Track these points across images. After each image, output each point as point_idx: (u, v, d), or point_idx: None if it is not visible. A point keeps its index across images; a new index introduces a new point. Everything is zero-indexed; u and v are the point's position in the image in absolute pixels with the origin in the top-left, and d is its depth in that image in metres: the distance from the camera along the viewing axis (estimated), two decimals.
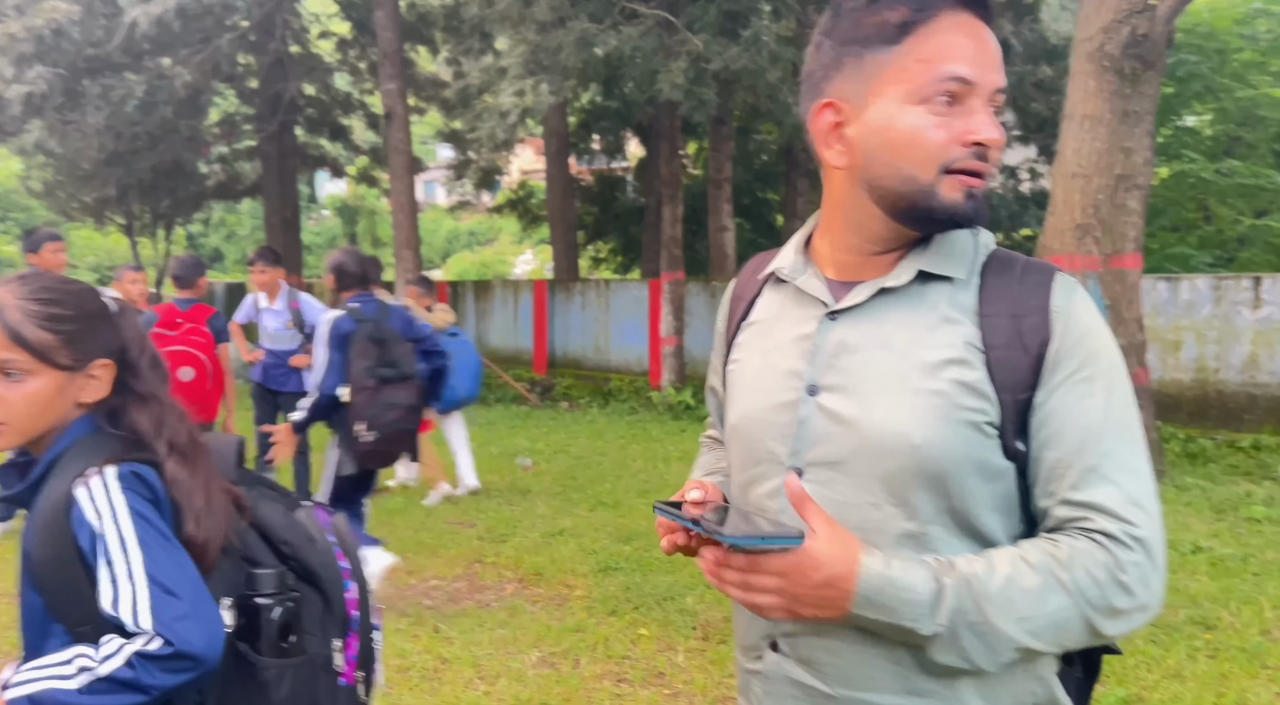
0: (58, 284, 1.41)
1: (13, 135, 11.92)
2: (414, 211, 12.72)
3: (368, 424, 4.13)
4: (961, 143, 1.05)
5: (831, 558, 0.99)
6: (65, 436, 1.39)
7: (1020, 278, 1.10)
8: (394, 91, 11.95)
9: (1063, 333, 1.05)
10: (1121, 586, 0.99)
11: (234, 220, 32.85)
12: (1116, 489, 1.02)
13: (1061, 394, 1.04)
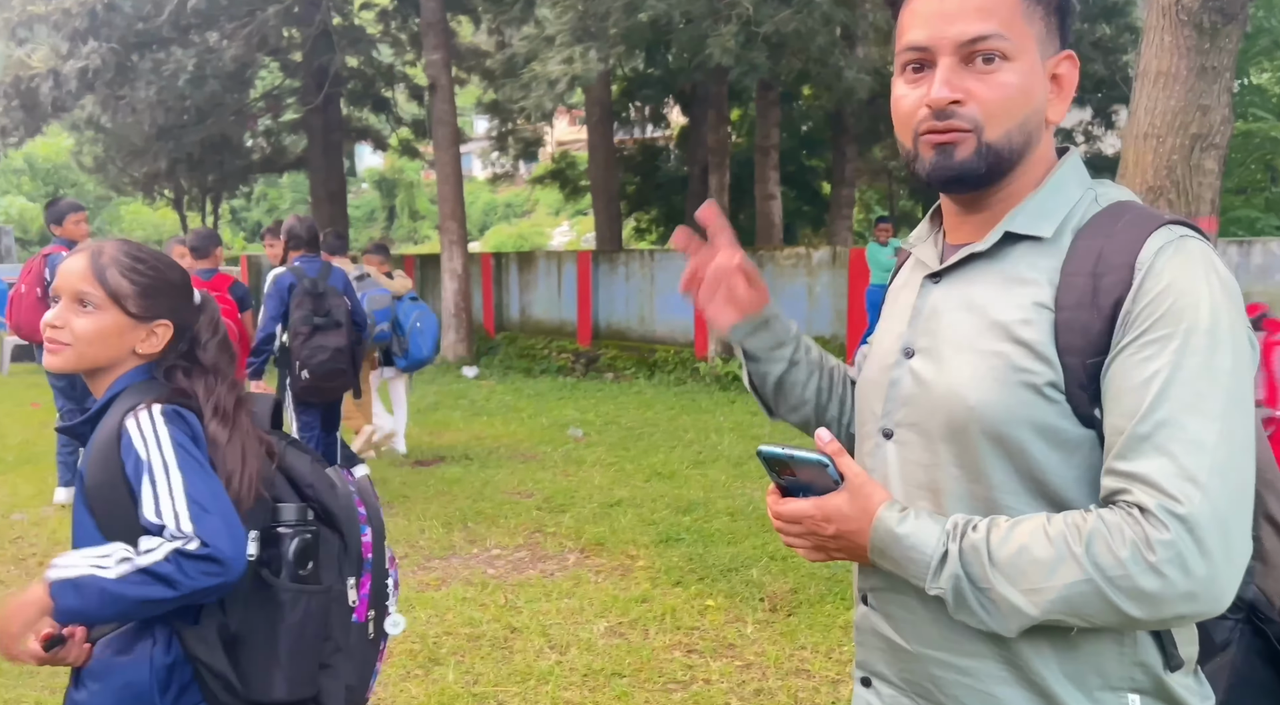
0: (152, 253, 1.64)
1: (66, 111, 12.08)
2: (459, 183, 12.71)
3: (300, 363, 4.92)
4: (927, 106, 1.07)
5: (847, 511, 1.06)
6: (121, 381, 1.59)
7: (1115, 232, 1.05)
8: (438, 62, 11.91)
9: (1138, 289, 0.99)
10: (1150, 567, 0.91)
11: (275, 194, 33.17)
12: (1169, 461, 0.94)
13: (1127, 355, 0.99)
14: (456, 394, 10.45)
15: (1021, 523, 1.00)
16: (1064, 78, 1.11)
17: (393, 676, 3.47)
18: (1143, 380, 0.96)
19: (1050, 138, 1.15)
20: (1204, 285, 0.98)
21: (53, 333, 1.55)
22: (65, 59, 10.61)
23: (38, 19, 10.52)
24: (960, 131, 1.07)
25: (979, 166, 1.08)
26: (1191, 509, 0.91)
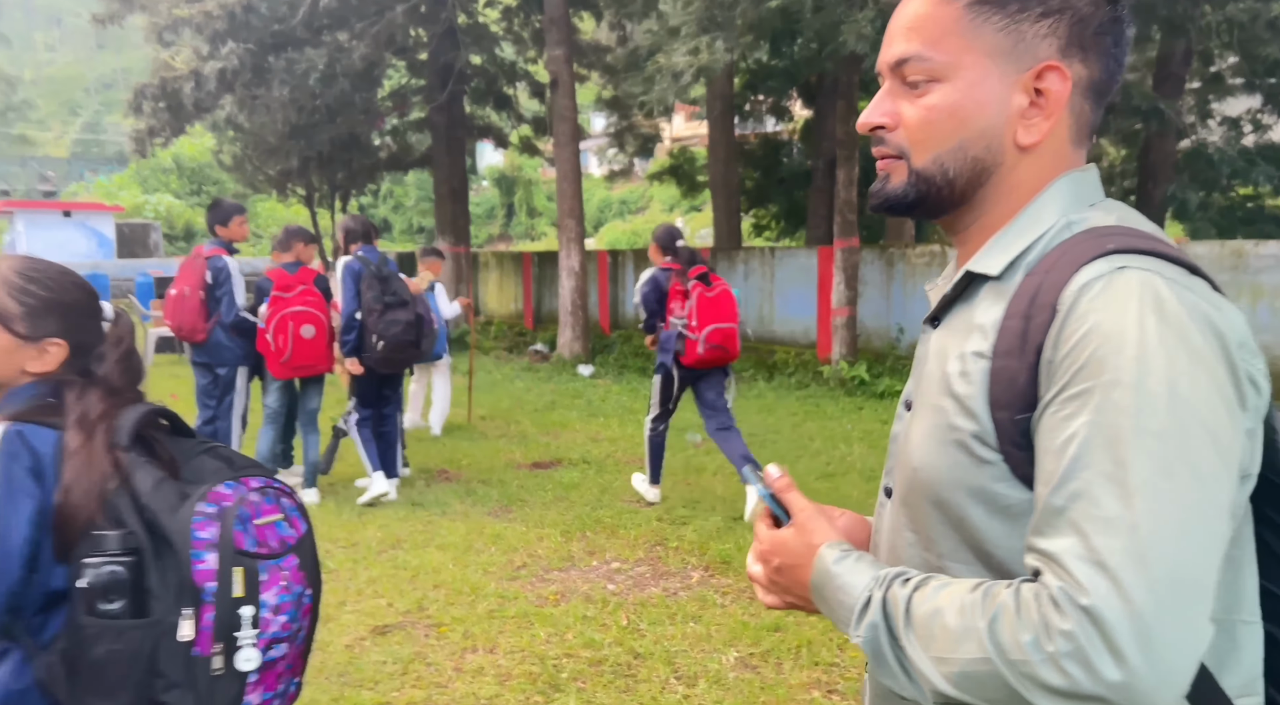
0: (47, 269, 1.62)
1: (208, 111, 12.58)
2: (578, 179, 12.62)
3: (377, 336, 5.56)
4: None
5: (792, 546, 1.01)
6: (10, 397, 1.59)
7: (1056, 265, 0.90)
8: (560, 58, 11.82)
9: (1058, 333, 0.85)
10: (1049, 659, 0.77)
11: (400, 191, 34.12)
12: (1079, 541, 0.79)
13: (1049, 413, 0.85)
14: (573, 393, 10.34)
15: (951, 584, 0.88)
16: (1050, 93, 0.96)
17: (512, 703, 3.27)
18: (1060, 443, 0.83)
19: (1040, 163, 0.99)
20: (1134, 327, 0.81)
21: None
22: (206, 60, 11.01)
23: (182, 22, 10.96)
24: (891, 158, 1.01)
25: (907, 195, 1.01)
26: (1097, 601, 0.75)
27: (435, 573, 4.60)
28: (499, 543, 5.06)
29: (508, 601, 4.21)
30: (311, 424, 5.92)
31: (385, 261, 5.84)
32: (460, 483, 6.35)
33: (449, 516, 5.58)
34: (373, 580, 4.51)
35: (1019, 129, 0.97)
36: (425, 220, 34.87)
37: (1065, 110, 0.97)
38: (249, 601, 1.53)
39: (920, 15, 0.99)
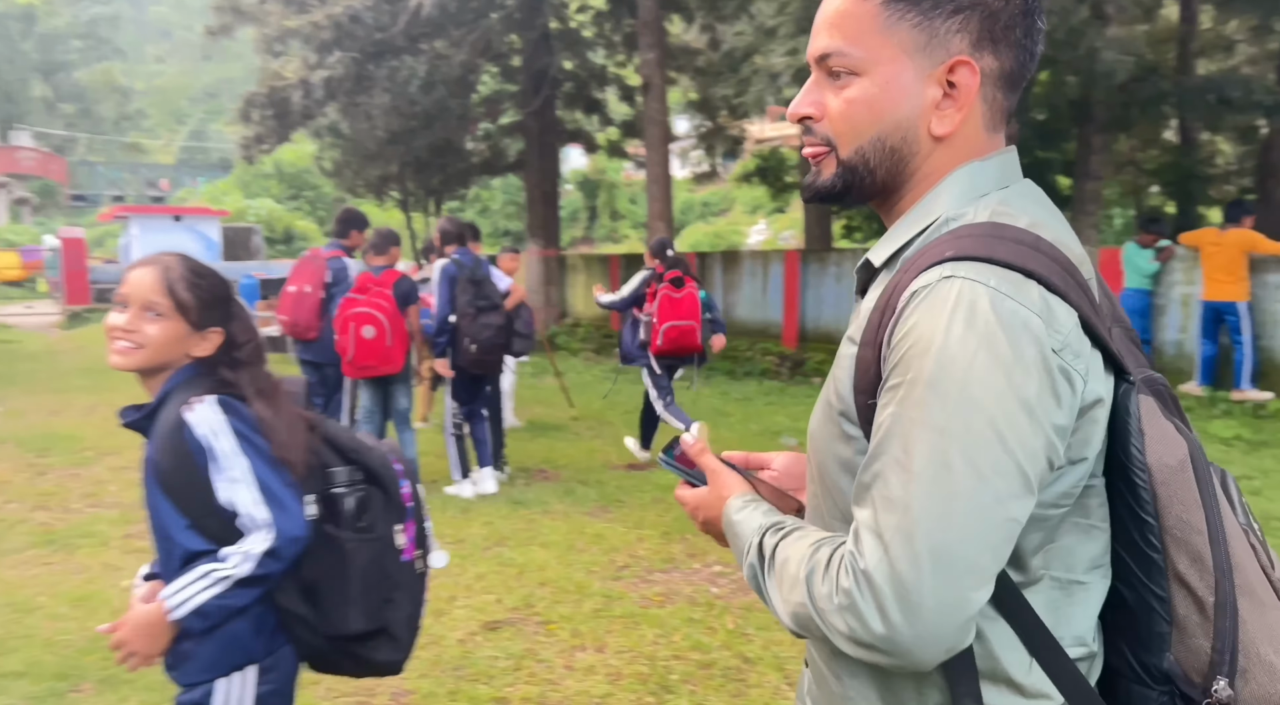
0: (208, 267, 1.88)
1: (312, 119, 13.04)
2: (667, 182, 12.64)
3: (469, 339, 5.77)
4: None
5: (709, 499, 1.16)
6: (174, 378, 1.82)
7: (912, 266, 0.98)
8: (652, 61, 11.86)
9: (890, 332, 0.96)
10: (837, 609, 0.93)
11: (487, 196, 34.69)
12: (869, 514, 0.93)
13: (879, 402, 0.97)
14: None
15: (807, 536, 1.02)
16: (960, 85, 1.01)
17: (624, 702, 3.28)
18: (876, 428, 0.95)
19: (953, 151, 1.04)
20: (942, 333, 0.90)
21: (124, 336, 1.77)
22: (313, 69, 11.42)
23: (291, 33, 11.38)
24: (819, 149, 1.07)
25: (835, 185, 1.07)
26: (867, 565, 0.90)
27: (540, 571, 4.65)
28: (600, 543, 5.09)
29: (613, 601, 4.24)
30: (403, 423, 5.99)
31: (480, 264, 6.00)
32: (559, 482, 6.42)
33: (550, 515, 5.64)
34: (480, 576, 4.59)
35: (933, 120, 1.03)
36: (511, 224, 35.40)
37: (977, 101, 1.03)
38: (426, 517, 1.99)
39: (841, 11, 1.03)
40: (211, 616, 1.72)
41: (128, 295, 1.79)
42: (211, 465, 1.74)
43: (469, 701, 3.29)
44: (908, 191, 1.07)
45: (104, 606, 4.09)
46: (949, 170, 1.05)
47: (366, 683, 3.43)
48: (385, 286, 5.72)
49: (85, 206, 45.01)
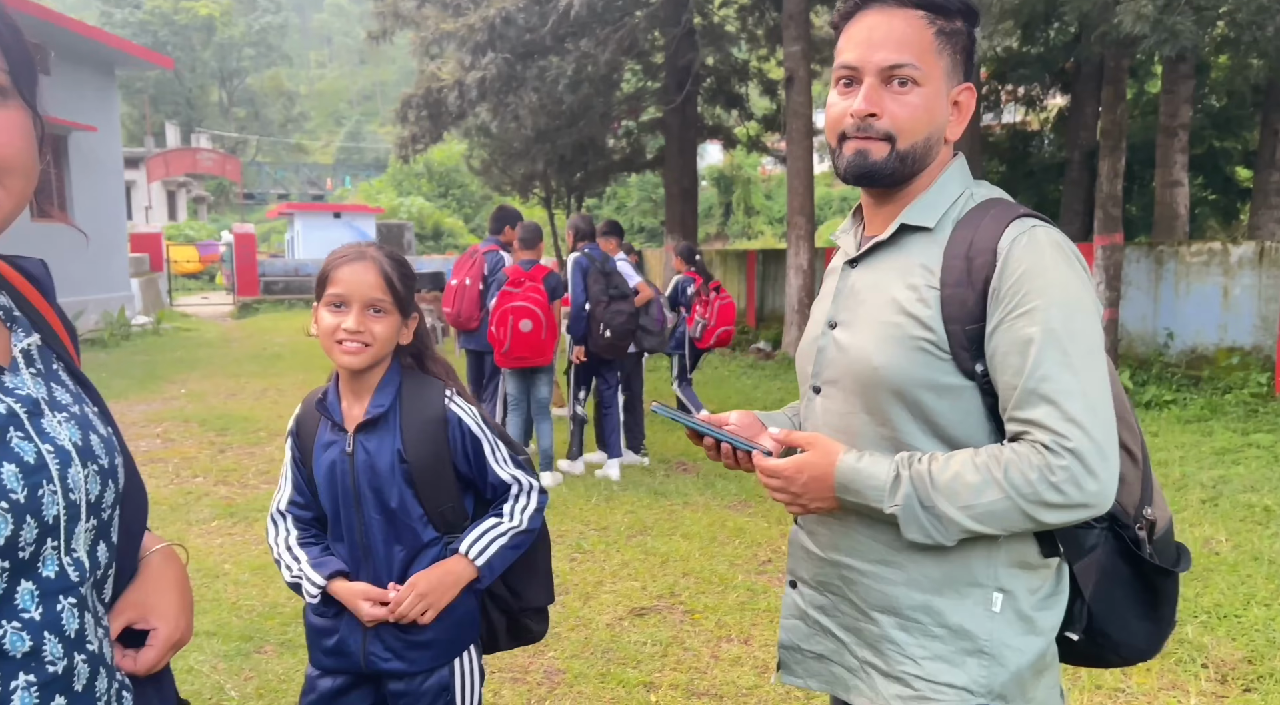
0: (400, 254, 1.88)
1: (463, 118, 13.56)
2: (810, 177, 12.45)
3: (604, 324, 6.16)
4: (850, 116, 1.35)
5: (814, 462, 1.35)
6: (391, 372, 1.85)
7: (982, 223, 1.33)
8: (796, 54, 11.71)
9: (1000, 270, 1.27)
10: (1052, 486, 1.22)
11: (623, 192, 35.09)
12: (1053, 408, 1.23)
13: (1004, 328, 1.27)
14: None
15: (954, 456, 1.29)
16: (963, 104, 1.40)
17: (773, 697, 3.28)
18: (1021, 347, 1.25)
19: (948, 150, 1.43)
20: (1053, 266, 1.26)
21: (353, 337, 1.75)
22: (467, 71, 11.85)
23: (447, 36, 11.86)
24: (875, 139, 1.34)
25: (887, 168, 1.36)
26: (1077, 443, 1.21)
27: (683, 561, 4.70)
28: (742, 536, 5.10)
29: (757, 595, 4.24)
30: (542, 412, 6.21)
31: (607, 258, 6.37)
32: (699, 475, 6.46)
33: (691, 507, 5.68)
34: (625, 563, 4.68)
35: (950, 127, 1.40)
36: (646, 220, 35.68)
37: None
38: None
39: (908, 34, 1.34)
40: (496, 570, 1.83)
41: (347, 295, 1.75)
42: (484, 451, 1.85)
43: (618, 684, 3.36)
44: (921, 177, 1.40)
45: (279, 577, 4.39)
46: (946, 162, 1.42)
47: (520, 660, 3.56)
48: (537, 280, 5.92)
49: (254, 204, 48.30)
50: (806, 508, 1.38)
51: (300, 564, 1.86)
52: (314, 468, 1.85)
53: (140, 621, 1.11)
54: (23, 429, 0.96)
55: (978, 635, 1.34)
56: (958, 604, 1.34)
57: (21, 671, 0.92)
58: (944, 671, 1.35)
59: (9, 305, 1.07)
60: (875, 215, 1.47)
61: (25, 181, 0.95)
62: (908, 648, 1.37)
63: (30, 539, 0.93)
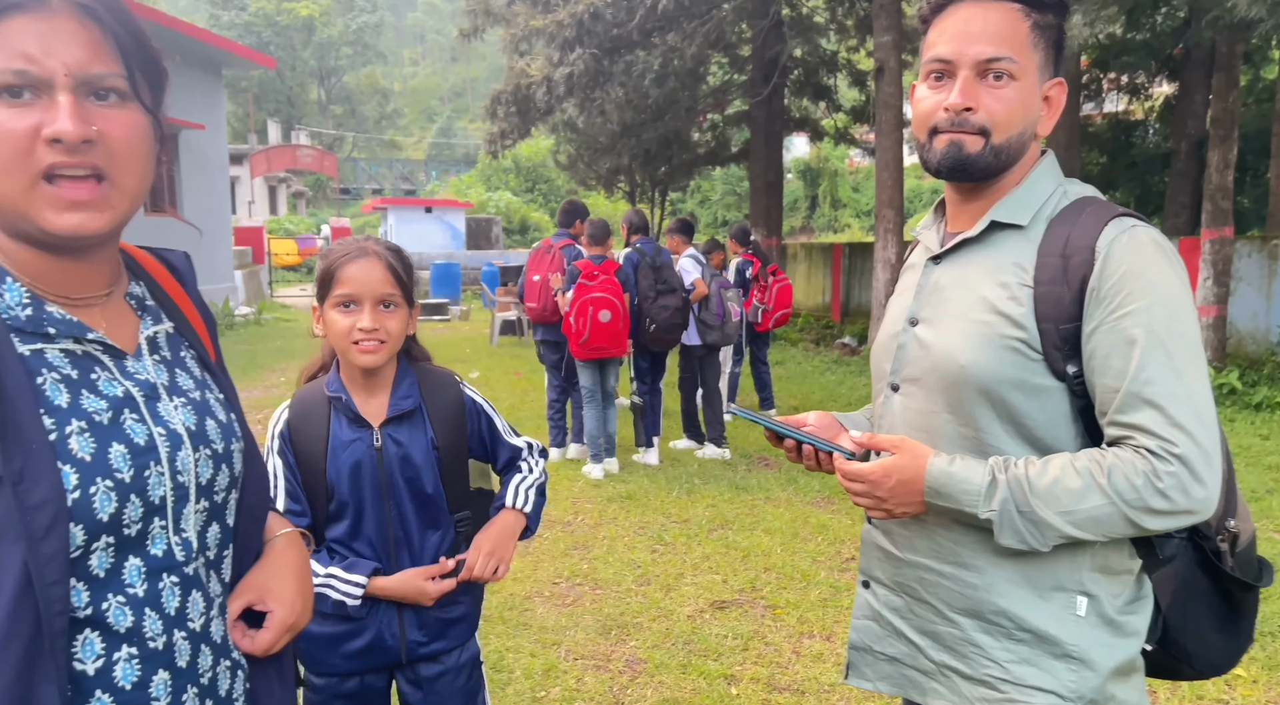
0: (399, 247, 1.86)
1: (550, 114, 13.72)
2: (899, 169, 12.21)
3: (650, 319, 6.29)
4: (944, 109, 1.34)
5: (902, 465, 1.32)
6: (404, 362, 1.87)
7: (1078, 221, 1.31)
8: (887, 44, 11.48)
9: (1100, 270, 1.25)
10: (1158, 492, 1.20)
11: (707, 186, 34.96)
12: (1158, 413, 1.20)
13: (1105, 329, 1.24)
14: None
15: (1052, 460, 1.26)
16: (1054, 99, 1.38)
17: (855, 695, 3.26)
18: (1123, 349, 1.23)
19: (1037, 146, 1.41)
20: (1154, 266, 1.25)
21: (371, 336, 1.72)
22: (556, 67, 11.99)
23: (537, 33, 12.02)
24: (969, 133, 1.32)
25: (981, 162, 1.34)
26: (1184, 449, 1.20)
27: (765, 556, 4.70)
28: (825, 532, 5.06)
29: (840, 592, 4.21)
30: (609, 400, 6.42)
31: (660, 252, 6.52)
32: (781, 470, 6.43)
33: (773, 502, 5.67)
34: (706, 557, 4.70)
35: (1041, 123, 1.37)
36: (730, 214, 35.49)
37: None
38: None
39: (1006, 28, 1.32)
40: (537, 516, 1.94)
41: (357, 294, 1.72)
42: (496, 427, 1.95)
43: (699, 675, 3.39)
44: (1012, 172, 1.37)
45: None
46: (1036, 158, 1.40)
47: (601, 649, 3.63)
48: (609, 274, 6.07)
49: (349, 199, 49.83)
50: (891, 512, 1.35)
51: (325, 571, 1.77)
52: (329, 466, 1.78)
53: (259, 603, 1.16)
54: (137, 411, 1.02)
55: (1063, 640, 1.31)
56: (1040, 608, 1.32)
57: (125, 644, 0.98)
58: (1032, 675, 1.32)
59: (142, 294, 1.14)
60: (961, 211, 1.44)
61: (139, 182, 1.00)
62: (992, 651, 1.35)
63: (135, 517, 0.98)
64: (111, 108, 0.97)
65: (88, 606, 0.95)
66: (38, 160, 0.92)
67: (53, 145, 0.92)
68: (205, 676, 1.07)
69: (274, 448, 1.80)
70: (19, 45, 0.92)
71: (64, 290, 1.02)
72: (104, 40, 0.96)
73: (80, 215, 0.94)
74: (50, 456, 0.92)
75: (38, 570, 0.89)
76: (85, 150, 0.93)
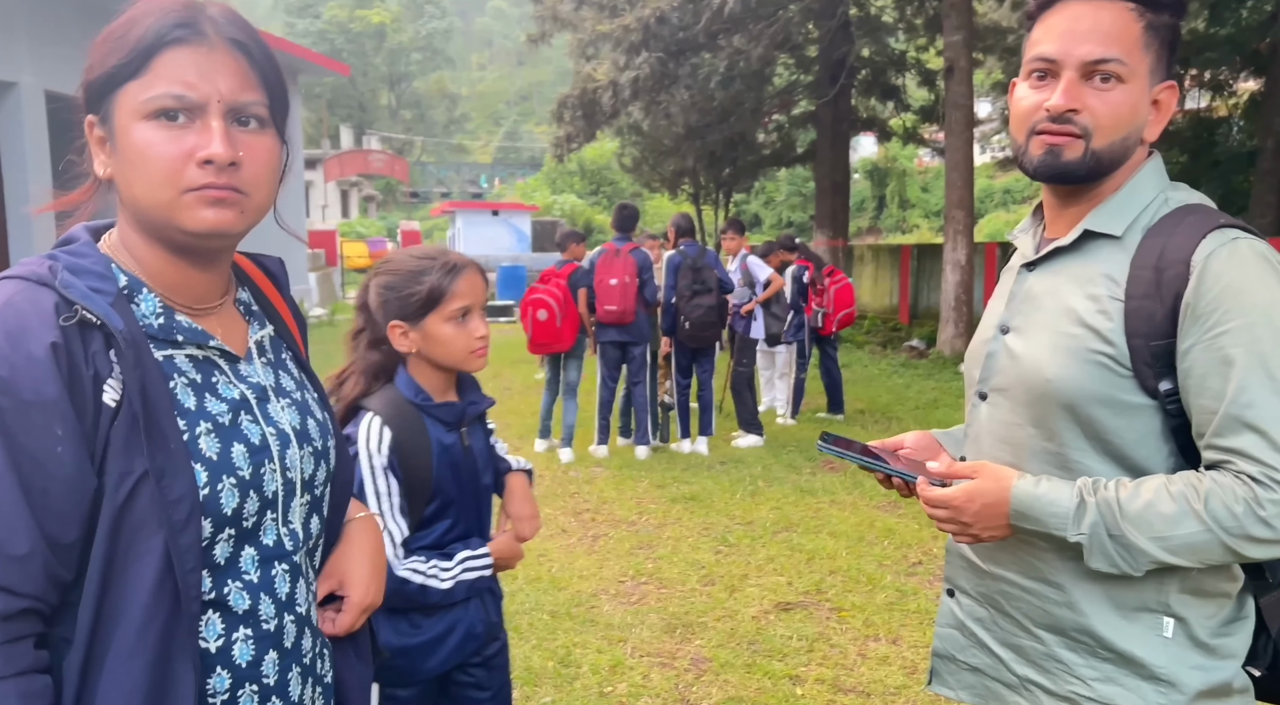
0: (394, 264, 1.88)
1: (616, 117, 13.84)
2: (970, 170, 12.01)
3: (685, 317, 6.66)
4: (1044, 110, 1.28)
5: (985, 489, 1.28)
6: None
7: (1176, 232, 1.23)
8: (958, 43, 11.32)
9: (1196, 286, 1.18)
10: (1260, 520, 1.14)
11: (771, 187, 34.78)
12: (1260, 437, 1.15)
13: (1201, 348, 1.18)
14: (957, 392, 9.91)
15: (1145, 483, 1.21)
16: (1164, 103, 1.31)
17: (922, 699, 3.25)
18: (1221, 369, 1.17)
19: (1144, 151, 1.33)
20: (1258, 282, 1.18)
21: (486, 343, 1.84)
22: (622, 70, 12.11)
23: (604, 37, 12.16)
24: (1071, 136, 1.26)
25: (1081, 168, 1.28)
26: None
27: (830, 559, 4.69)
28: (891, 537, 5.03)
29: (906, 596, 4.19)
30: (570, 394, 6.94)
31: (703, 253, 6.83)
32: (846, 474, 6.40)
33: (838, 505, 5.65)
34: (770, 558, 4.72)
35: (1148, 127, 1.31)
36: (794, 215, 35.24)
37: None
38: None
39: (1116, 27, 1.25)
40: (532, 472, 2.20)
41: (472, 304, 1.81)
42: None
43: (764, 675, 3.42)
44: (1112, 178, 1.31)
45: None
46: (1140, 163, 1.32)
47: (667, 646, 3.68)
48: (562, 276, 6.63)
49: (418, 202, 50.81)
50: (978, 537, 1.32)
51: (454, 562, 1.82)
52: (436, 471, 1.81)
53: (338, 588, 1.25)
54: (252, 413, 1.11)
55: (1149, 662, 1.27)
56: (1124, 628, 1.28)
57: (242, 625, 1.07)
58: (1118, 695, 1.29)
59: (249, 300, 1.23)
60: (1059, 216, 1.38)
61: (264, 202, 1.10)
62: (1076, 668, 1.32)
63: (253, 511, 1.07)
64: (252, 133, 1.06)
65: (211, 591, 1.04)
66: (189, 179, 1.01)
67: (203, 166, 1.01)
68: (307, 657, 1.16)
69: (381, 465, 1.76)
70: (180, 73, 1.01)
71: (189, 300, 1.11)
72: (251, 72, 1.06)
73: (218, 212, 1.03)
74: (185, 455, 1.01)
75: (178, 558, 0.98)
76: (230, 172, 1.02)
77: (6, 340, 0.94)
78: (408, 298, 1.79)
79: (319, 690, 1.19)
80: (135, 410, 0.97)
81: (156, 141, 1.00)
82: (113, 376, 0.98)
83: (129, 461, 0.97)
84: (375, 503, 1.74)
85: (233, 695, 1.06)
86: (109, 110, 1.03)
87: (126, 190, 1.04)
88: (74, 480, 0.95)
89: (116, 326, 0.98)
